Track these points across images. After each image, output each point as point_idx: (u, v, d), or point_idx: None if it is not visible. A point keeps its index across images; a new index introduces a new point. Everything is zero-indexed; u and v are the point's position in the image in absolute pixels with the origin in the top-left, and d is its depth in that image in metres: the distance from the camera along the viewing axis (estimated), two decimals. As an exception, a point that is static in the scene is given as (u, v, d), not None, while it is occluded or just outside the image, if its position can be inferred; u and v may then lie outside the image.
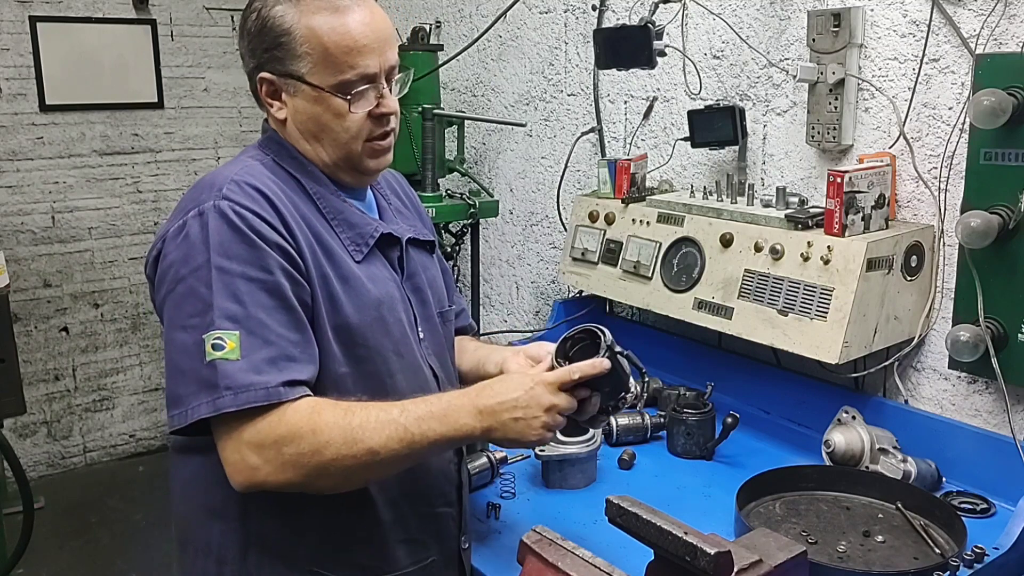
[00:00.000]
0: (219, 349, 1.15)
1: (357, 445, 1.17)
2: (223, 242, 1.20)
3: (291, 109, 1.33)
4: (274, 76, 1.31)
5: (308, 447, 1.16)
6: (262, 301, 1.19)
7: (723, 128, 2.19)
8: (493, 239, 3.28)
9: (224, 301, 1.17)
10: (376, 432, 1.18)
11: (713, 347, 2.33)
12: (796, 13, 2.11)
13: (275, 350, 1.18)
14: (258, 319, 1.18)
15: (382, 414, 1.20)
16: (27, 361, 3.92)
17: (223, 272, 1.18)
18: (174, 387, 1.19)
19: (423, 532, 1.40)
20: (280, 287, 1.21)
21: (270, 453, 1.16)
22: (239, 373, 1.15)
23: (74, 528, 3.62)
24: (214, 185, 1.26)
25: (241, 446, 1.16)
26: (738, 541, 1.21)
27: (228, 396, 1.14)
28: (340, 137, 1.33)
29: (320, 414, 1.18)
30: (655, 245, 2.16)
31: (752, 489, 1.66)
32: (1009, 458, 1.70)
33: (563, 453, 1.77)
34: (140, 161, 4.17)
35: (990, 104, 1.66)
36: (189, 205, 1.25)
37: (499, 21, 2.99)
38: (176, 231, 1.24)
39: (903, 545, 1.53)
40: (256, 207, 1.23)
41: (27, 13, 3.78)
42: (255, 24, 1.30)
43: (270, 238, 1.22)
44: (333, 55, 1.28)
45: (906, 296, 1.87)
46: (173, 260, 1.23)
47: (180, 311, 1.20)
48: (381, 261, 1.38)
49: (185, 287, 1.20)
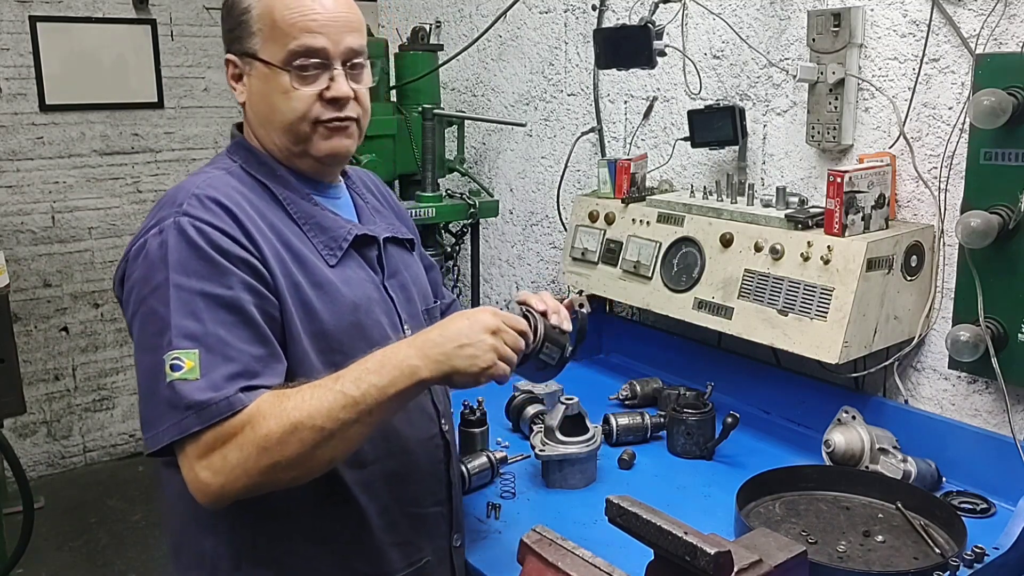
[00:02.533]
0: (177, 370, 1.13)
1: (300, 429, 1.12)
2: (181, 259, 1.18)
3: (248, 90, 1.33)
4: (235, 57, 1.32)
5: (250, 446, 1.12)
6: (222, 318, 1.17)
7: (723, 128, 2.19)
8: (493, 239, 3.28)
9: (181, 319, 1.15)
10: (315, 408, 1.13)
11: (713, 347, 2.33)
12: (796, 13, 2.11)
13: (236, 366, 1.15)
14: (217, 336, 1.15)
15: (317, 389, 1.15)
16: (27, 361, 3.92)
17: (181, 290, 1.16)
18: (144, 410, 1.17)
19: (415, 534, 1.40)
20: (240, 302, 1.18)
21: (216, 464, 1.12)
22: (197, 392, 1.12)
23: (74, 528, 3.62)
24: (175, 200, 1.24)
25: (192, 463, 1.13)
26: (738, 541, 1.21)
27: (191, 417, 1.12)
28: (286, 117, 1.29)
29: (258, 408, 1.13)
30: (655, 245, 2.16)
31: (752, 489, 1.66)
32: (1009, 458, 1.70)
33: (563, 453, 1.77)
34: (140, 161, 4.17)
35: (990, 104, 1.66)
36: (150, 222, 1.24)
37: (499, 21, 2.99)
38: (137, 250, 1.23)
39: (903, 545, 1.53)
40: (217, 221, 1.21)
41: (27, 13, 3.78)
42: (225, 8, 1.33)
43: (232, 252, 1.20)
44: (280, 27, 1.27)
45: (906, 296, 1.87)
46: (135, 280, 1.21)
47: (143, 332, 1.19)
48: (358, 262, 1.36)
49: (146, 308, 1.18)
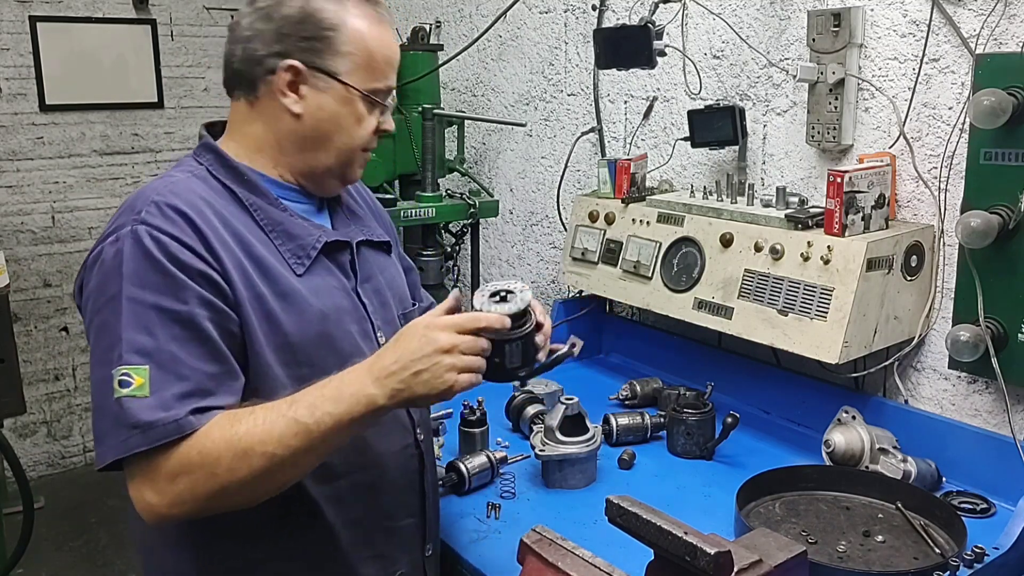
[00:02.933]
0: (126, 386, 1.09)
1: (250, 455, 1.09)
2: (136, 271, 1.13)
3: (312, 105, 1.27)
4: (304, 67, 1.25)
5: (198, 470, 1.09)
6: (175, 333, 1.12)
7: (723, 128, 2.19)
8: (493, 239, 3.28)
9: (133, 334, 1.11)
10: (267, 435, 1.10)
11: (713, 347, 2.33)
12: (796, 13, 2.11)
13: (188, 385, 1.11)
14: (170, 352, 1.11)
15: (270, 413, 1.12)
16: (27, 361, 3.92)
17: (134, 303, 1.12)
18: (95, 423, 1.14)
19: (389, 546, 1.37)
20: (195, 318, 1.14)
21: (163, 487, 1.10)
22: (146, 411, 1.08)
23: (74, 528, 3.62)
24: (133, 207, 1.19)
25: (138, 483, 1.11)
26: (738, 541, 1.21)
27: (136, 436, 1.08)
28: (349, 143, 1.31)
29: (209, 435, 1.10)
30: (655, 245, 2.16)
31: (752, 489, 1.66)
32: (1009, 458, 1.70)
33: (563, 453, 1.77)
34: (140, 161, 4.17)
35: (990, 104, 1.66)
36: (109, 228, 1.20)
37: (499, 21, 2.99)
38: (93, 258, 1.19)
39: (903, 545, 1.53)
40: (175, 231, 1.16)
41: (27, 13, 3.78)
42: (296, 11, 1.24)
43: (189, 265, 1.15)
44: (376, 62, 1.28)
45: (906, 296, 1.87)
46: (91, 290, 1.18)
47: (97, 344, 1.15)
48: (328, 269, 1.32)
49: (100, 319, 1.15)
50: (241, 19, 1.29)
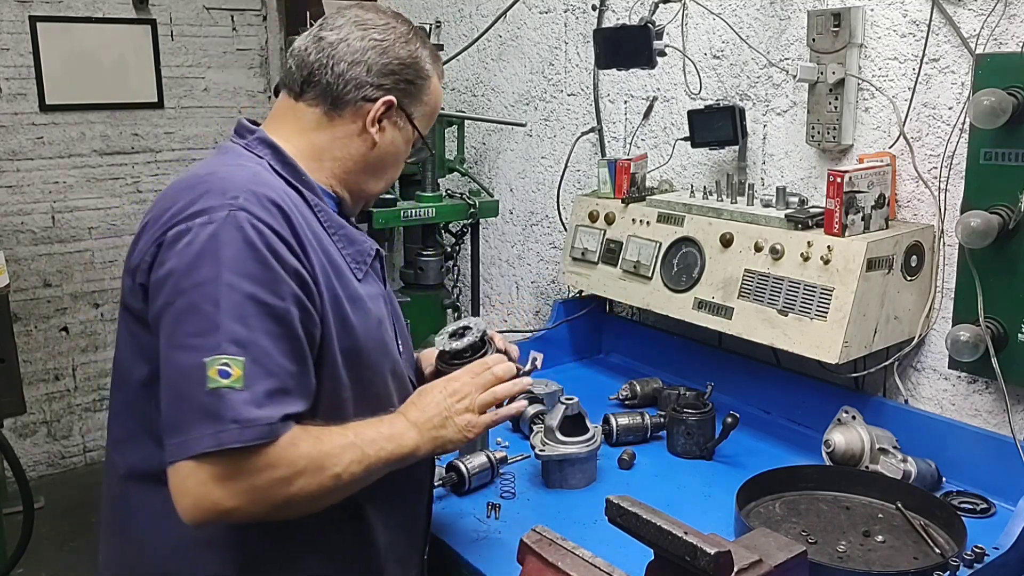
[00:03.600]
0: (225, 376, 1.07)
1: (324, 472, 1.14)
2: (236, 257, 1.11)
3: (387, 138, 1.36)
4: (396, 106, 1.35)
5: (280, 479, 1.11)
6: (268, 328, 1.11)
7: (723, 128, 2.19)
8: (493, 239, 3.28)
9: (232, 323, 1.08)
10: (338, 459, 1.16)
11: (713, 347, 2.33)
12: (796, 13, 2.11)
13: (275, 382, 1.11)
14: (263, 347, 1.10)
15: (341, 438, 1.18)
16: (27, 361, 3.92)
17: (233, 290, 1.09)
18: (173, 413, 1.10)
19: (409, 549, 1.42)
20: (288, 315, 1.14)
21: (241, 486, 1.08)
22: (244, 406, 1.07)
23: (74, 528, 3.62)
24: (225, 190, 1.16)
25: (208, 479, 1.07)
26: (738, 541, 1.21)
27: (234, 430, 1.06)
28: (395, 176, 1.44)
29: (296, 446, 1.12)
30: (655, 245, 2.16)
31: (752, 489, 1.66)
32: (1009, 458, 1.71)
33: (563, 453, 1.77)
34: (140, 161, 4.17)
35: (990, 104, 1.66)
36: (191, 207, 1.15)
37: (499, 21, 2.99)
38: (176, 236, 1.14)
39: (903, 545, 1.53)
40: (275, 223, 1.15)
41: (27, 13, 3.78)
42: (405, 55, 1.35)
43: (287, 261, 1.15)
44: (434, 114, 1.43)
45: (906, 296, 1.87)
46: (172, 268, 1.12)
47: (180, 328, 1.10)
48: (373, 277, 1.36)
49: (186, 302, 1.10)
50: (349, 39, 1.32)
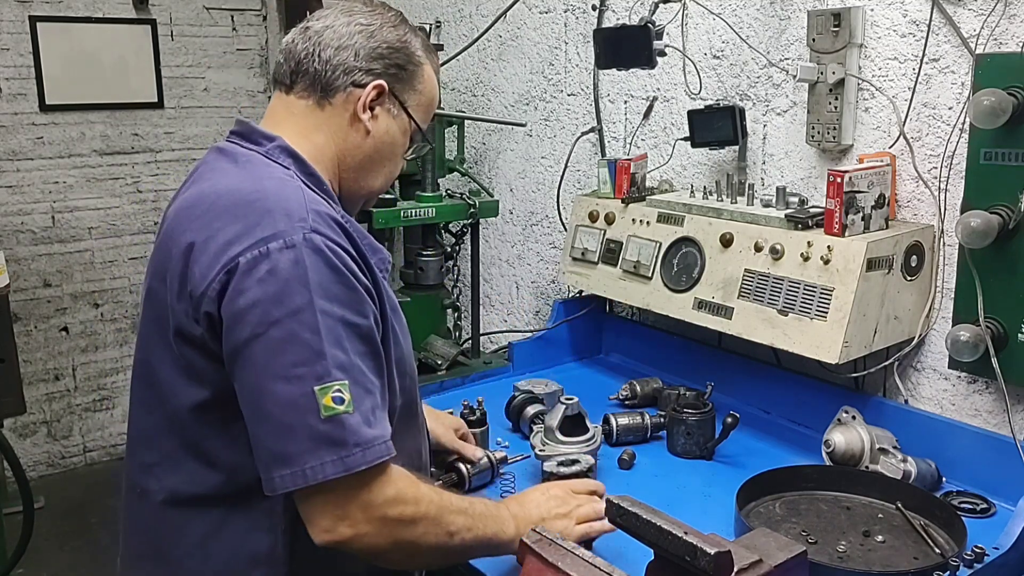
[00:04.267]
0: (340, 403, 1.08)
1: (442, 526, 1.17)
2: (323, 282, 1.10)
3: (381, 127, 1.33)
4: (388, 91, 1.32)
5: (408, 517, 1.14)
6: (360, 348, 1.14)
7: (723, 128, 2.19)
8: (493, 239, 3.28)
9: (333, 348, 1.09)
10: (456, 516, 1.20)
11: (713, 347, 2.33)
12: (796, 13, 2.11)
13: (373, 399, 1.13)
14: (359, 367, 1.12)
15: (459, 501, 1.22)
16: (27, 361, 3.92)
17: (327, 316, 1.09)
18: (282, 445, 1.08)
19: None
20: (371, 332, 1.16)
21: (375, 514, 1.11)
22: (361, 427, 1.09)
23: (74, 528, 3.62)
24: (289, 212, 1.14)
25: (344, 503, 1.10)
26: (738, 541, 1.21)
27: (358, 453, 1.08)
28: (394, 172, 1.40)
29: (418, 485, 1.17)
30: (655, 245, 2.16)
31: (752, 489, 1.66)
32: (1009, 458, 1.70)
33: (563, 453, 1.77)
34: (140, 161, 4.17)
35: (990, 104, 1.66)
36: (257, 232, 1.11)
37: (499, 21, 2.99)
38: (251, 263, 1.10)
39: (903, 545, 1.53)
40: (344, 243, 1.16)
41: (27, 13, 3.78)
42: (394, 39, 1.33)
43: (361, 279, 1.17)
44: (431, 106, 1.40)
45: (906, 296, 1.87)
46: (258, 299, 1.09)
47: (279, 359, 1.08)
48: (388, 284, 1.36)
49: (283, 331, 1.08)
50: (335, 25, 1.30)
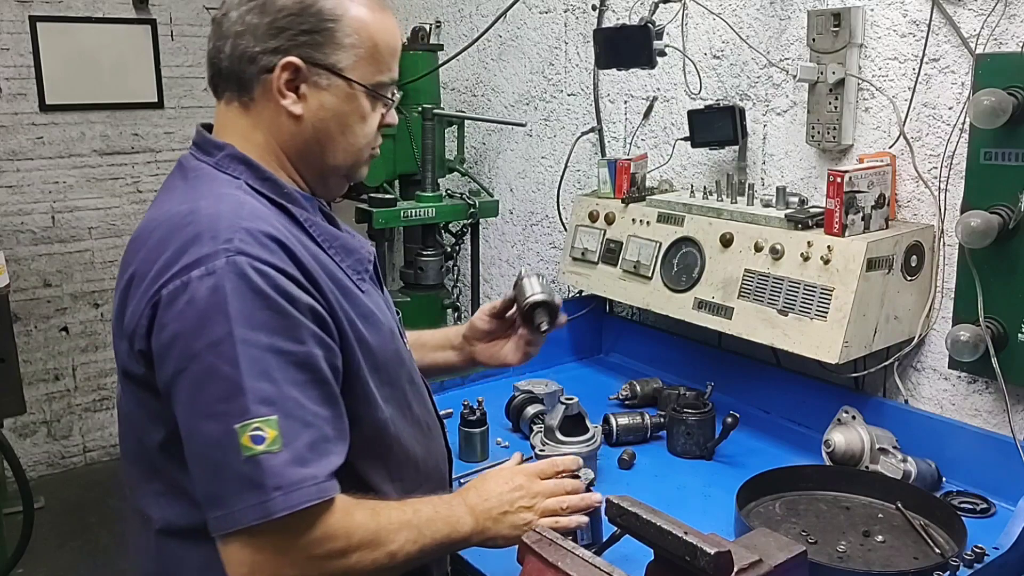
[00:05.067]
0: (259, 442, 0.99)
1: (380, 548, 1.10)
2: (245, 309, 1.01)
3: (313, 104, 1.16)
4: (304, 64, 1.14)
5: (338, 550, 1.06)
6: (294, 377, 1.03)
7: (723, 128, 2.19)
8: (493, 239, 3.28)
9: (255, 381, 1.00)
10: (396, 534, 1.12)
11: (713, 347, 2.33)
12: (796, 13, 2.11)
13: (314, 432, 1.03)
14: (294, 399, 1.02)
15: (399, 514, 1.14)
16: (27, 361, 3.92)
17: (249, 346, 1.00)
18: (210, 486, 1.02)
19: None
20: (312, 359, 1.06)
21: (299, 556, 1.03)
22: (286, 468, 0.99)
23: (74, 528, 3.62)
24: (215, 233, 1.04)
25: (264, 549, 1.01)
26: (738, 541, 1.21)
27: (279, 498, 0.99)
28: (357, 142, 1.21)
29: (352, 515, 1.08)
30: (655, 245, 2.16)
31: (752, 489, 1.66)
32: (1009, 458, 1.70)
33: (563, 453, 1.77)
34: (140, 161, 4.17)
35: (990, 104, 1.66)
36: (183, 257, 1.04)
37: (499, 21, 2.99)
38: (173, 294, 1.03)
39: (903, 545, 1.53)
40: (278, 261, 1.05)
41: (27, 13, 3.78)
42: (295, 4, 1.13)
43: (299, 299, 1.05)
44: (380, 53, 1.18)
45: (906, 296, 1.87)
46: (178, 332, 1.02)
47: (200, 395, 1.01)
48: (373, 283, 1.27)
49: (201, 367, 1.00)
50: (229, 11, 1.16)
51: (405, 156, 2.95)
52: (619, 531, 1.29)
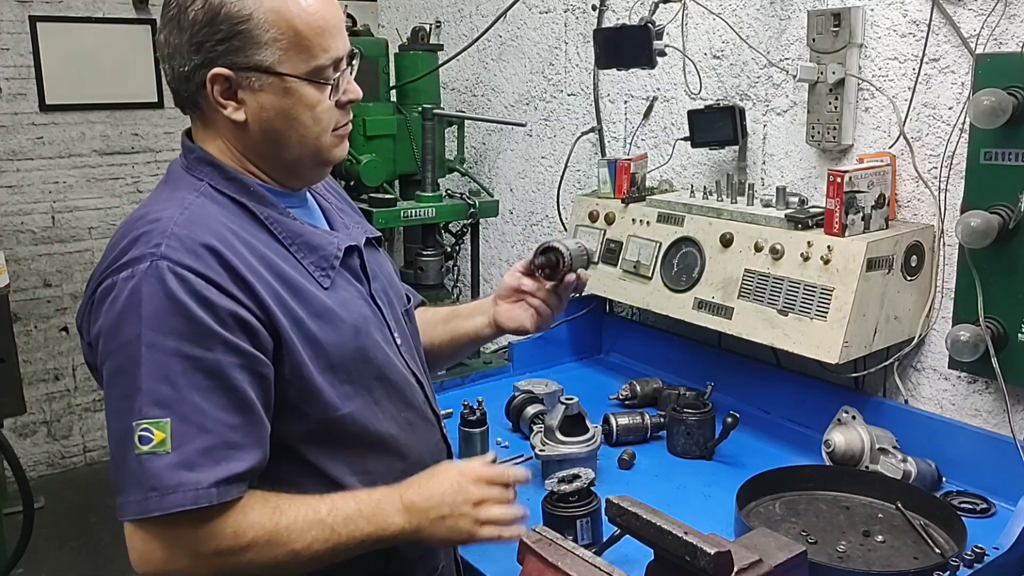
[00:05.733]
0: (146, 443, 1.03)
1: (279, 548, 1.10)
2: (156, 313, 1.04)
3: (253, 107, 1.16)
4: (231, 71, 1.13)
5: (227, 549, 1.08)
6: (198, 383, 1.05)
7: (723, 128, 2.19)
8: (493, 239, 3.28)
9: (153, 384, 1.04)
10: (302, 534, 1.11)
11: (713, 347, 2.33)
12: (796, 13, 2.11)
13: (212, 438, 1.05)
14: (192, 403, 1.05)
15: (310, 513, 1.12)
16: (27, 361, 3.92)
17: (154, 350, 1.04)
18: (114, 473, 1.08)
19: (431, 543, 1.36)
20: (220, 366, 1.07)
21: (182, 552, 1.07)
22: (166, 471, 1.03)
23: (74, 528, 3.62)
24: (150, 236, 1.09)
25: (151, 539, 1.06)
26: (738, 541, 1.21)
27: (154, 498, 1.03)
28: (311, 131, 1.19)
29: (246, 515, 1.08)
30: (655, 245, 2.16)
31: (752, 489, 1.66)
32: (1009, 458, 1.71)
33: (563, 453, 1.77)
34: (140, 161, 4.17)
35: (990, 104, 1.66)
36: (119, 259, 1.09)
37: (499, 21, 2.99)
38: (104, 291, 1.09)
39: (903, 545, 1.53)
40: (200, 267, 1.07)
41: (27, 13, 3.78)
42: (202, 13, 1.11)
43: (218, 305, 1.07)
44: (306, 38, 1.14)
45: (906, 296, 1.87)
46: (101, 328, 1.09)
47: (110, 389, 1.08)
48: (346, 278, 1.27)
49: (113, 364, 1.07)
50: (159, 34, 1.18)
51: (405, 156, 2.95)
52: (619, 531, 1.29)
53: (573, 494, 1.55)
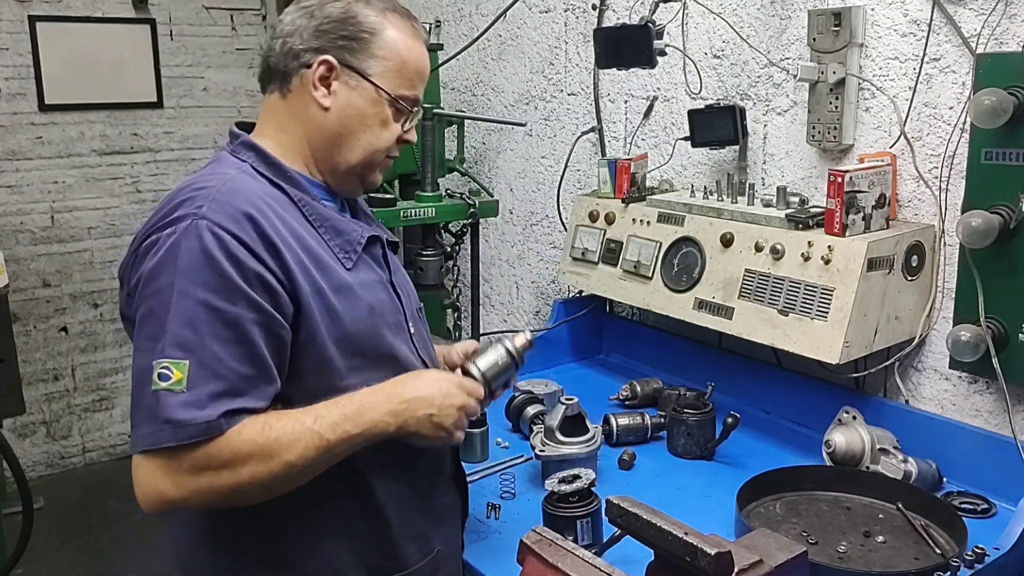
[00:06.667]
0: (164, 379, 1.12)
1: (273, 460, 1.16)
2: (191, 265, 1.16)
3: (341, 100, 1.32)
4: (338, 64, 1.31)
5: (225, 472, 1.14)
6: (219, 332, 1.15)
7: (723, 128, 2.19)
8: (493, 239, 3.28)
9: (178, 327, 1.14)
10: (293, 444, 1.17)
11: (713, 347, 2.32)
12: (797, 12, 2.11)
13: (223, 384, 1.15)
14: (211, 351, 1.14)
15: (297, 425, 1.19)
16: (26, 361, 3.92)
17: (184, 296, 1.14)
18: (132, 410, 1.17)
19: (426, 526, 1.41)
20: (240, 320, 1.16)
21: (184, 479, 1.14)
22: (180, 407, 1.12)
23: (74, 528, 3.62)
24: (195, 199, 1.21)
25: (155, 471, 1.14)
26: (738, 541, 1.21)
27: (167, 430, 1.12)
28: (374, 143, 1.35)
29: (240, 433, 1.15)
30: (655, 245, 2.16)
31: (752, 489, 1.66)
32: (1010, 458, 1.71)
33: (563, 453, 1.77)
34: (139, 161, 4.17)
35: (991, 104, 1.65)
36: (165, 219, 1.22)
37: (499, 21, 2.99)
38: (148, 245, 1.21)
39: (904, 545, 1.53)
40: (236, 229, 1.19)
41: (27, 13, 3.78)
42: (338, 11, 1.31)
43: (247, 265, 1.18)
44: (408, 70, 1.34)
45: (907, 296, 1.87)
46: (141, 275, 1.20)
47: (140, 331, 1.18)
48: (367, 264, 1.37)
49: (146, 307, 1.18)
50: (285, 18, 1.35)
51: (405, 156, 2.93)
52: (619, 531, 1.29)
53: (573, 494, 1.55)
